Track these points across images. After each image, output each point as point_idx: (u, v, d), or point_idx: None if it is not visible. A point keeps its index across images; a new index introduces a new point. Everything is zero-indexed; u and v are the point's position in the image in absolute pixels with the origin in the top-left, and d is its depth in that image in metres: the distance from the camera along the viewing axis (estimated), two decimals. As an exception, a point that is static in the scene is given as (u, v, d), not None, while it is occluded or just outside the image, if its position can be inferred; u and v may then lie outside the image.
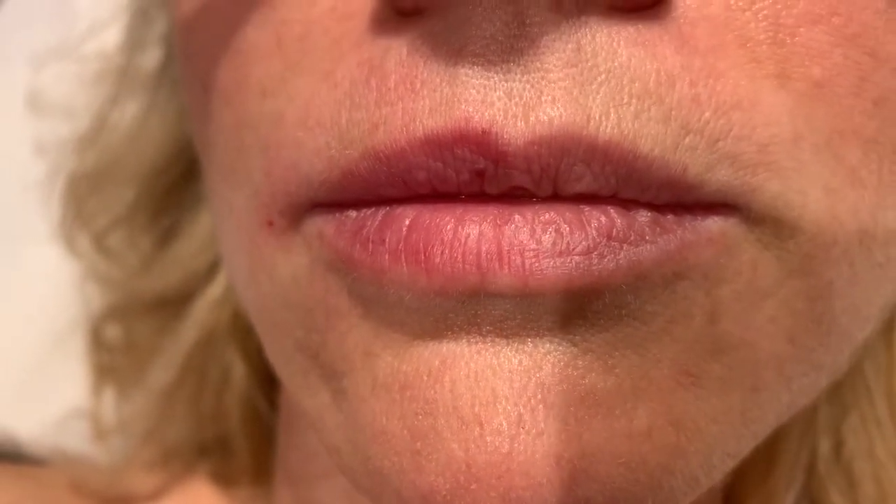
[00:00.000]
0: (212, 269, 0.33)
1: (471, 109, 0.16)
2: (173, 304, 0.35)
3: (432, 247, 0.16)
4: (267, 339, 0.21)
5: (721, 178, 0.16)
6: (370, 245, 0.17)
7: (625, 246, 0.16)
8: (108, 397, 0.37)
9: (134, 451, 0.35)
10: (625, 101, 0.16)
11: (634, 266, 0.16)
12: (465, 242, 0.16)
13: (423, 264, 0.16)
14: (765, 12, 0.16)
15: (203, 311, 0.33)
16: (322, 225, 0.18)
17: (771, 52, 0.16)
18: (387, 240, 0.16)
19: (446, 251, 0.16)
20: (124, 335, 0.38)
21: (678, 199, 0.16)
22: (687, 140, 0.16)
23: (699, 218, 0.16)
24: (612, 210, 0.16)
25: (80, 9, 0.41)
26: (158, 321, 0.36)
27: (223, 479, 0.34)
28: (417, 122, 0.16)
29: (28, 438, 0.36)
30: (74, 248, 0.38)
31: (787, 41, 0.16)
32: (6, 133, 0.42)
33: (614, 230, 0.16)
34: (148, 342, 0.37)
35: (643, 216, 0.16)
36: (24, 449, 0.36)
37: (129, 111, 0.37)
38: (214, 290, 0.33)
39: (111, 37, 0.38)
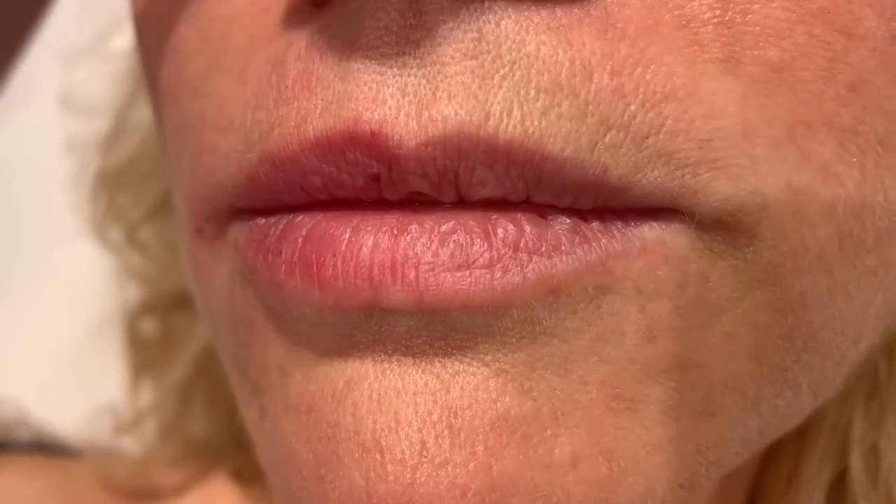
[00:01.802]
0: None
1: (361, 108, 0.14)
2: None
3: (324, 259, 0.15)
4: (217, 350, 0.20)
5: (653, 179, 0.14)
6: (270, 256, 0.16)
7: (534, 257, 0.14)
8: (144, 392, 0.38)
9: (157, 446, 0.36)
10: (531, 95, 0.14)
11: (545, 280, 0.14)
12: (358, 254, 0.14)
13: (315, 278, 0.15)
14: None
15: None
16: (237, 232, 0.17)
17: (717, 33, 0.14)
18: (283, 251, 0.15)
19: (339, 263, 0.15)
20: (159, 330, 0.38)
21: (604, 203, 0.15)
22: (608, 138, 0.14)
23: (632, 224, 0.15)
24: (522, 217, 0.14)
25: (113, 7, 0.41)
26: (188, 315, 0.37)
27: (244, 476, 0.34)
28: (308, 123, 0.15)
29: (63, 431, 0.37)
30: (107, 242, 0.39)
31: (737, 20, 0.14)
32: (40, 131, 0.43)
33: (522, 240, 0.14)
34: (178, 336, 0.37)
35: (561, 224, 0.15)
36: (60, 442, 0.36)
37: (147, 109, 0.37)
38: None
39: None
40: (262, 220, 0.16)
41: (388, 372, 0.15)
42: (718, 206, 0.15)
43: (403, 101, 0.14)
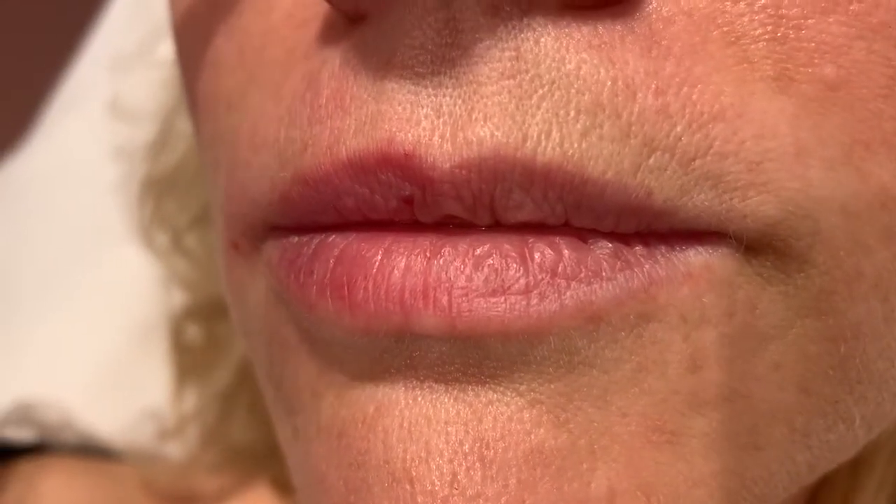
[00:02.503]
0: None
1: (395, 128, 0.14)
2: None
3: (356, 281, 0.14)
4: (253, 364, 0.20)
5: (700, 203, 0.14)
6: (301, 276, 0.15)
7: (573, 284, 0.14)
8: (189, 397, 0.38)
9: (199, 452, 0.36)
10: (571, 116, 0.13)
11: (584, 307, 0.14)
12: (389, 277, 0.14)
13: (346, 300, 0.14)
14: (762, 2, 0.14)
15: None
16: (271, 250, 0.16)
17: (769, 50, 0.14)
18: (315, 272, 0.15)
19: (370, 286, 0.14)
20: (203, 336, 0.38)
21: (648, 227, 0.14)
22: (652, 160, 0.13)
23: (677, 249, 0.14)
24: (560, 241, 0.14)
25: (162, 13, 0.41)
26: (231, 322, 0.37)
27: (284, 485, 0.34)
28: (341, 144, 0.14)
29: (108, 435, 0.37)
30: (154, 247, 0.39)
31: (790, 36, 0.14)
32: (90, 137, 0.43)
33: (560, 265, 0.14)
34: (222, 343, 0.37)
35: (602, 248, 0.14)
36: (104, 445, 0.36)
37: None
38: None
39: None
40: (295, 239, 0.16)
41: (419, 399, 0.14)
42: (768, 230, 0.14)
43: (438, 121, 0.14)
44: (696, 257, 0.14)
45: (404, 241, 0.14)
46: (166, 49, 0.40)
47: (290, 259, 0.16)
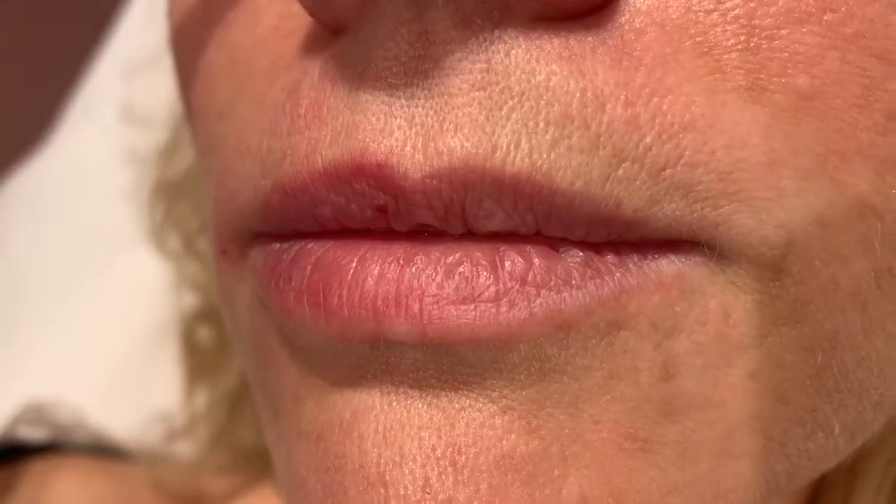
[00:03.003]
0: None
1: (368, 139, 0.14)
2: None
3: (331, 288, 0.15)
4: (243, 366, 0.20)
5: (671, 212, 0.14)
6: (281, 282, 0.15)
7: (542, 292, 0.14)
8: (199, 399, 0.38)
9: (208, 453, 0.36)
10: (540, 127, 0.13)
11: (554, 315, 0.14)
12: (363, 284, 0.14)
13: (321, 307, 0.15)
14: (735, 12, 0.14)
15: None
16: (256, 256, 0.17)
17: (741, 60, 0.14)
18: (293, 278, 0.15)
19: (344, 293, 0.14)
20: (214, 337, 0.39)
21: (619, 236, 0.14)
22: (621, 170, 0.14)
23: (649, 257, 0.14)
24: (531, 250, 0.14)
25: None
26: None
27: None
28: (317, 154, 0.15)
29: (119, 435, 0.37)
30: (166, 251, 0.39)
31: (762, 46, 0.14)
32: (104, 142, 0.44)
33: (531, 273, 0.14)
34: (232, 345, 0.37)
35: (573, 257, 0.14)
36: (115, 445, 0.37)
37: None
38: None
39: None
40: (276, 246, 0.16)
41: (394, 404, 0.15)
42: (741, 238, 0.14)
43: (410, 132, 0.14)
44: (668, 266, 0.14)
45: (379, 249, 0.14)
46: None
47: (271, 265, 0.16)
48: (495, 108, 0.14)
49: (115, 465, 0.35)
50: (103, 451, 0.37)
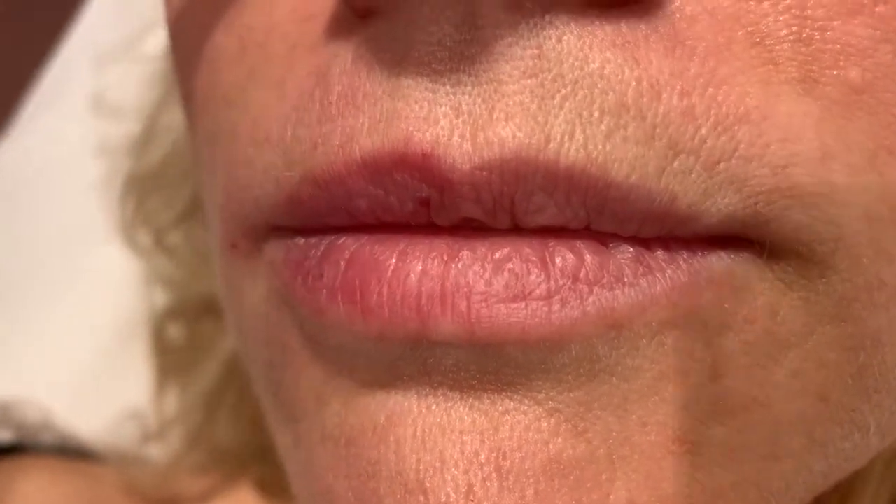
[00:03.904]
0: None
1: (412, 127, 0.13)
2: None
3: (369, 285, 0.14)
4: (247, 367, 0.19)
5: (724, 207, 0.13)
6: (309, 279, 0.15)
7: (595, 289, 0.13)
8: (170, 397, 0.37)
9: (182, 453, 0.35)
10: (595, 117, 0.13)
11: (607, 314, 0.13)
12: (405, 282, 0.13)
13: (358, 305, 0.14)
14: (787, 2, 0.13)
15: None
16: (274, 251, 0.16)
17: (794, 51, 0.13)
18: (325, 275, 0.14)
19: (384, 291, 0.14)
20: (186, 335, 0.38)
21: (670, 232, 0.14)
22: (676, 163, 0.13)
23: (699, 254, 0.14)
24: (582, 246, 0.13)
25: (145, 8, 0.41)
26: (216, 322, 0.36)
27: (267, 487, 0.34)
28: (354, 143, 0.14)
29: (88, 436, 0.36)
30: (136, 246, 0.38)
31: (815, 38, 0.13)
32: (70, 132, 0.42)
33: (582, 270, 0.13)
34: (205, 343, 0.36)
35: (624, 253, 0.14)
36: (84, 446, 0.36)
37: (179, 113, 0.36)
38: None
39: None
40: (301, 240, 0.15)
41: (433, 407, 0.14)
42: (792, 235, 0.14)
43: (457, 121, 0.13)
44: (718, 263, 0.14)
45: (420, 245, 0.14)
46: (152, 44, 0.39)
47: (296, 261, 0.15)
48: (547, 97, 0.13)
49: (84, 466, 0.34)
50: (72, 452, 0.35)
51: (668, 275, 0.13)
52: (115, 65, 0.39)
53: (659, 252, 0.14)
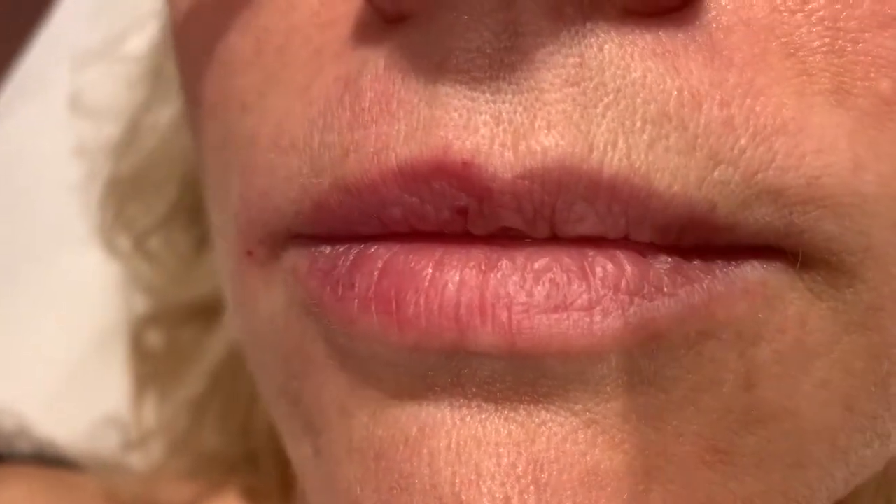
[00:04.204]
0: None
1: (451, 135, 0.13)
2: (210, 311, 0.35)
3: (405, 295, 0.14)
4: (256, 377, 0.19)
5: (760, 217, 0.13)
6: (339, 289, 0.14)
7: (636, 300, 0.13)
8: (149, 404, 0.37)
9: (165, 461, 0.35)
10: (637, 126, 0.13)
11: (648, 324, 0.13)
12: (443, 292, 0.13)
13: (394, 315, 0.14)
14: (820, 13, 0.13)
15: None
16: (297, 259, 0.16)
17: (826, 62, 0.13)
18: (356, 285, 0.14)
19: (421, 301, 0.13)
20: (165, 342, 0.37)
21: (707, 242, 0.14)
22: (716, 173, 0.13)
23: (733, 264, 0.14)
24: (621, 256, 0.13)
25: (125, 8, 0.40)
26: (198, 329, 0.36)
27: (254, 494, 0.33)
28: (390, 150, 0.14)
29: (67, 444, 0.36)
30: (115, 250, 0.38)
31: (847, 49, 0.13)
32: (45, 132, 0.41)
33: (623, 281, 0.13)
34: (188, 350, 0.36)
35: (661, 263, 0.14)
36: (62, 454, 0.35)
37: (163, 115, 0.35)
38: None
39: (151, 36, 0.37)
40: (326, 249, 0.15)
41: (467, 419, 0.14)
42: (823, 245, 0.14)
43: (498, 129, 0.13)
44: (752, 272, 0.14)
45: (456, 254, 0.14)
46: (135, 44, 0.38)
47: (323, 270, 0.15)
48: (590, 105, 0.13)
49: (63, 474, 0.34)
50: (50, 460, 0.35)
51: (706, 285, 0.13)
52: (94, 65, 0.39)
53: (696, 262, 0.14)
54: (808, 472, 0.15)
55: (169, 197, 0.36)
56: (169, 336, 0.37)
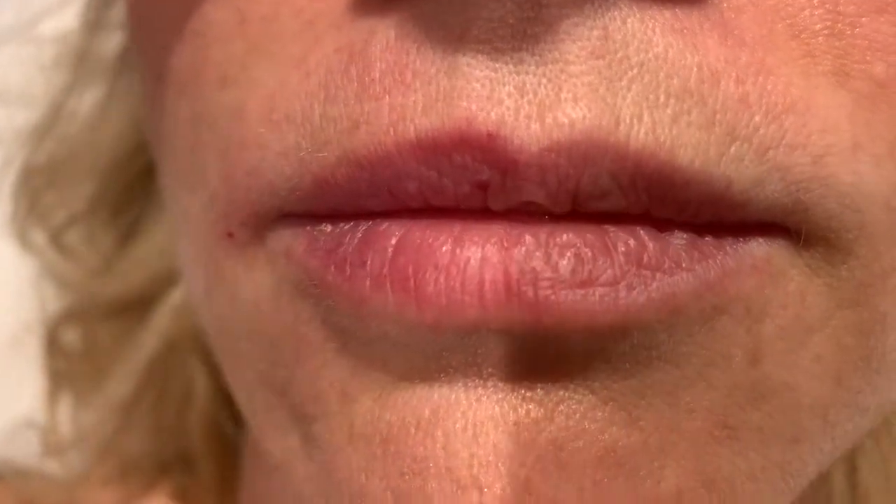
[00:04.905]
0: (175, 273, 0.30)
1: (474, 107, 0.13)
2: (135, 308, 0.33)
3: (424, 273, 0.13)
4: (226, 367, 0.18)
5: (770, 194, 0.14)
6: (348, 268, 0.14)
7: (658, 275, 0.13)
8: (65, 407, 0.35)
9: (90, 466, 0.33)
10: (661, 101, 0.13)
11: (669, 299, 0.13)
12: (465, 268, 0.13)
13: (412, 293, 0.13)
14: None
15: (164, 318, 0.31)
16: (291, 240, 0.15)
17: (828, 45, 0.14)
18: (368, 262, 0.14)
19: (441, 279, 0.13)
20: (83, 340, 0.35)
21: (719, 218, 0.14)
22: (733, 149, 0.13)
23: (741, 241, 0.14)
24: (642, 232, 0.13)
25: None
26: (119, 326, 0.34)
27: (185, 497, 0.32)
28: (408, 122, 0.13)
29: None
30: (29, 244, 0.36)
31: (846, 32, 0.14)
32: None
33: (645, 256, 0.13)
34: (108, 348, 0.34)
35: (679, 239, 0.14)
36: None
37: (86, 100, 0.34)
38: (177, 295, 0.30)
39: (70, 18, 0.35)
40: (327, 227, 0.14)
41: (483, 399, 0.13)
42: (823, 223, 0.14)
43: (522, 101, 0.13)
44: (759, 249, 0.14)
45: (475, 229, 0.13)
46: (50, 26, 0.36)
47: (327, 248, 0.14)
48: (615, 79, 0.13)
49: None
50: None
51: (720, 260, 0.14)
52: (8, 47, 0.37)
53: (708, 238, 0.14)
54: (801, 447, 0.15)
55: (90, 188, 0.34)
56: (88, 335, 0.35)
